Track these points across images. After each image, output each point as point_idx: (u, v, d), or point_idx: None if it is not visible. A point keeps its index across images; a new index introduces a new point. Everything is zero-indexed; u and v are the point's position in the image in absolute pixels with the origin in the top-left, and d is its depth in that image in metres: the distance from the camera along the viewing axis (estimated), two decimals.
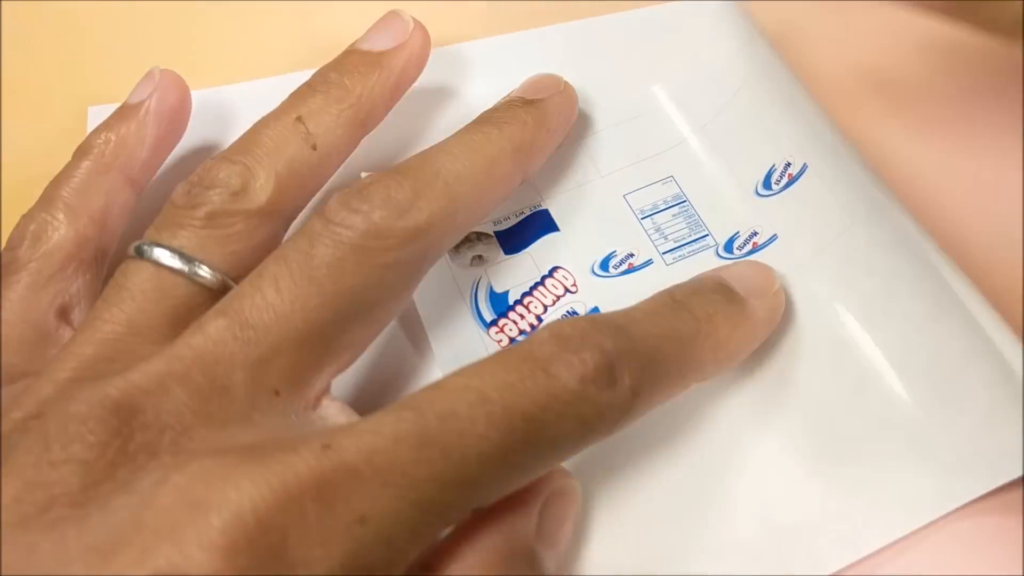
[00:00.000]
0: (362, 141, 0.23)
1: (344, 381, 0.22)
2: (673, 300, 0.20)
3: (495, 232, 0.24)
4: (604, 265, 0.23)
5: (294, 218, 0.22)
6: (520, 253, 0.24)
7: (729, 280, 0.21)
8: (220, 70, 0.29)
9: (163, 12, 0.31)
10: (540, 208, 0.24)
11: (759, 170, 0.24)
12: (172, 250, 0.20)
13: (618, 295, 0.23)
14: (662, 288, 0.20)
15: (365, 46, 0.24)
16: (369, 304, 0.19)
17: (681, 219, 0.24)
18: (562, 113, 0.24)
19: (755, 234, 0.23)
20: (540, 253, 0.24)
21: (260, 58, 0.29)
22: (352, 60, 0.24)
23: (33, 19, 0.31)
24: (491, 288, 0.23)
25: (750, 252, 0.23)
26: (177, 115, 0.25)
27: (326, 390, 0.19)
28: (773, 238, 0.23)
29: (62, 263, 0.21)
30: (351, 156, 0.23)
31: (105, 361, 0.18)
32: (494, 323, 0.23)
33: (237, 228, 0.20)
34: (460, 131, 0.22)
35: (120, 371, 0.17)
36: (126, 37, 0.30)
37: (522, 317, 0.23)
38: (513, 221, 0.24)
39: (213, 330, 0.18)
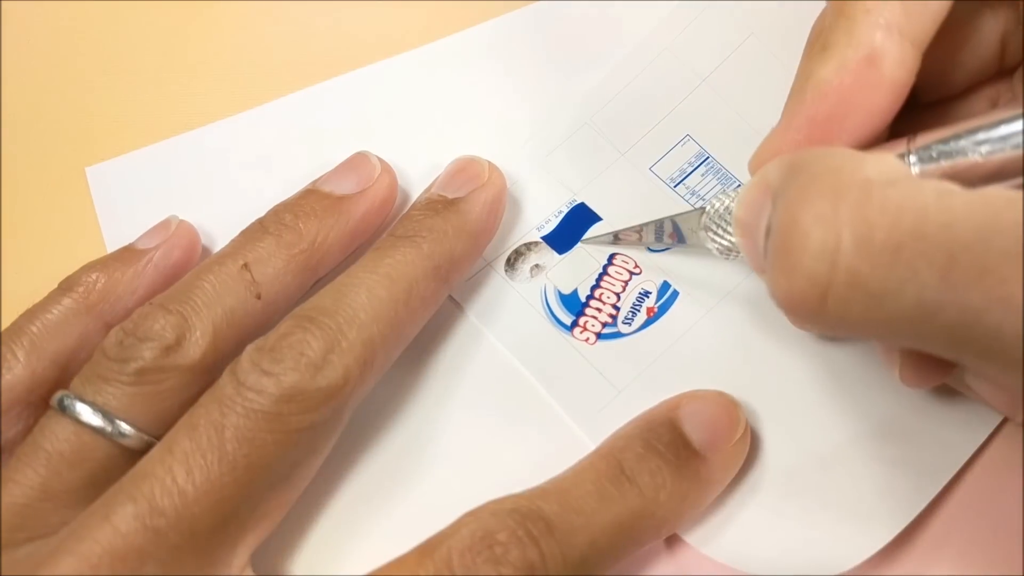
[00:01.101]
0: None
1: (464, 434, 0.23)
2: (621, 472, 0.19)
3: (542, 237, 0.25)
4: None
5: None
6: (573, 249, 0.25)
7: (688, 428, 0.20)
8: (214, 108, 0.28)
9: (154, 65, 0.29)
10: (576, 202, 0.25)
11: (769, 114, 0.25)
12: (95, 407, 0.19)
13: (680, 264, 0.24)
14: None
15: (327, 187, 0.23)
16: (286, 471, 0.19)
17: (710, 176, 0.25)
18: (486, 210, 0.23)
19: None
20: (593, 245, 0.25)
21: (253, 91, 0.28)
22: (310, 202, 0.22)
23: (31, 79, 0.29)
24: (559, 292, 0.24)
25: None
26: (178, 270, 0.23)
27: (245, 565, 0.19)
28: None
29: (7, 405, 0.20)
30: None
31: (12, 530, 0.18)
32: (575, 324, 0.24)
33: (168, 385, 0.19)
34: (376, 251, 0.21)
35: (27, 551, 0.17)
36: (122, 92, 0.28)
37: (599, 311, 0.24)
38: (555, 222, 0.25)
39: (121, 521, 0.17)
